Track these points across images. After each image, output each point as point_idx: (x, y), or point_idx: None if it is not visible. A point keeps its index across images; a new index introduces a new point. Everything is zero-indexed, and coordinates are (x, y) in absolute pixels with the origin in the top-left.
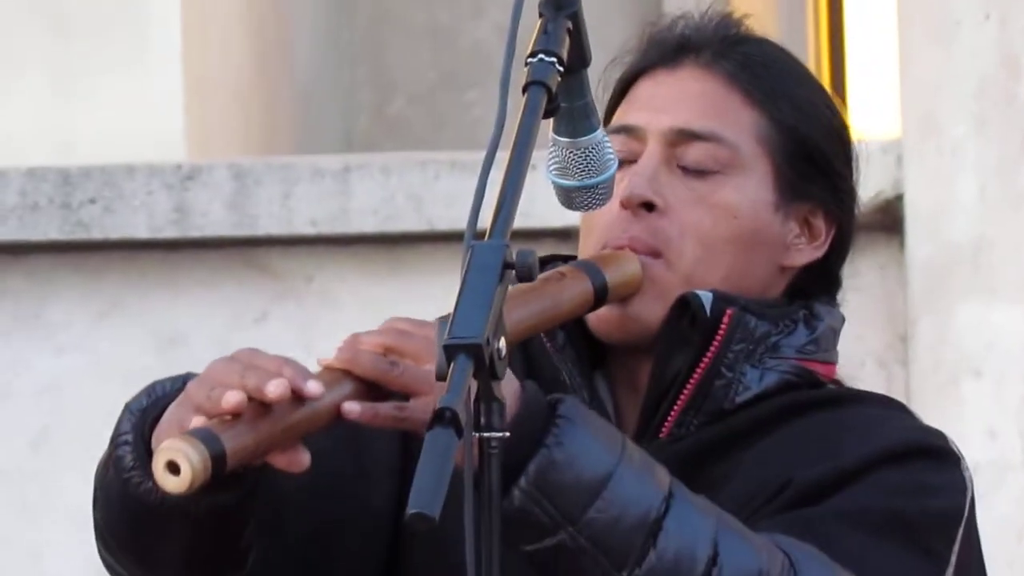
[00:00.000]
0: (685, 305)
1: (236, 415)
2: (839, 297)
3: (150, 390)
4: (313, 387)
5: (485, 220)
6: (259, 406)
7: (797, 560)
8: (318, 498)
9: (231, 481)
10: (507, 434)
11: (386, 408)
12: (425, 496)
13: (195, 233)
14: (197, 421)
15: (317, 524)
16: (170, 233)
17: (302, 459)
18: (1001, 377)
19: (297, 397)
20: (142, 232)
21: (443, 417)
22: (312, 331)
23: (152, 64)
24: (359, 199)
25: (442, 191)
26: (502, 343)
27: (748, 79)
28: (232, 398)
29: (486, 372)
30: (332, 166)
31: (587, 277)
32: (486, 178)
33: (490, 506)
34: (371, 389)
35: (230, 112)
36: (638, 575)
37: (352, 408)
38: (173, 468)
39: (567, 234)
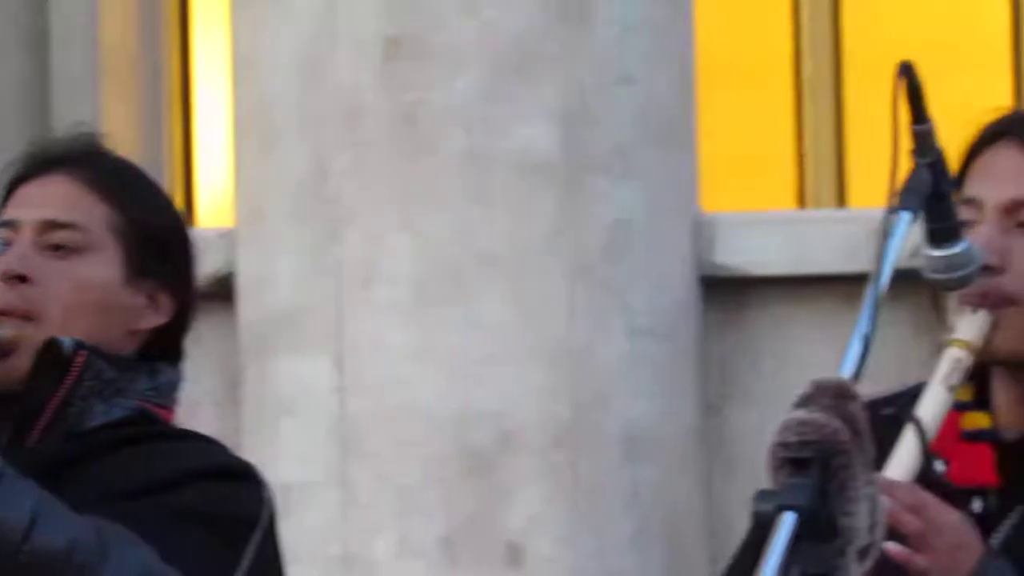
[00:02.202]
0: (51, 348)
1: None
2: (183, 363)
3: None
4: None
5: None
6: None
7: (105, 533)
8: None
9: None
10: None
11: None
12: None
13: None
14: None
15: None
16: None
17: None
18: (310, 416)
19: None
20: None
21: None
22: None
23: None
24: None
25: None
26: None
27: (102, 182)
28: None
29: None
30: None
31: None
32: None
33: None
34: None
35: None
36: None
37: None
38: None
39: None
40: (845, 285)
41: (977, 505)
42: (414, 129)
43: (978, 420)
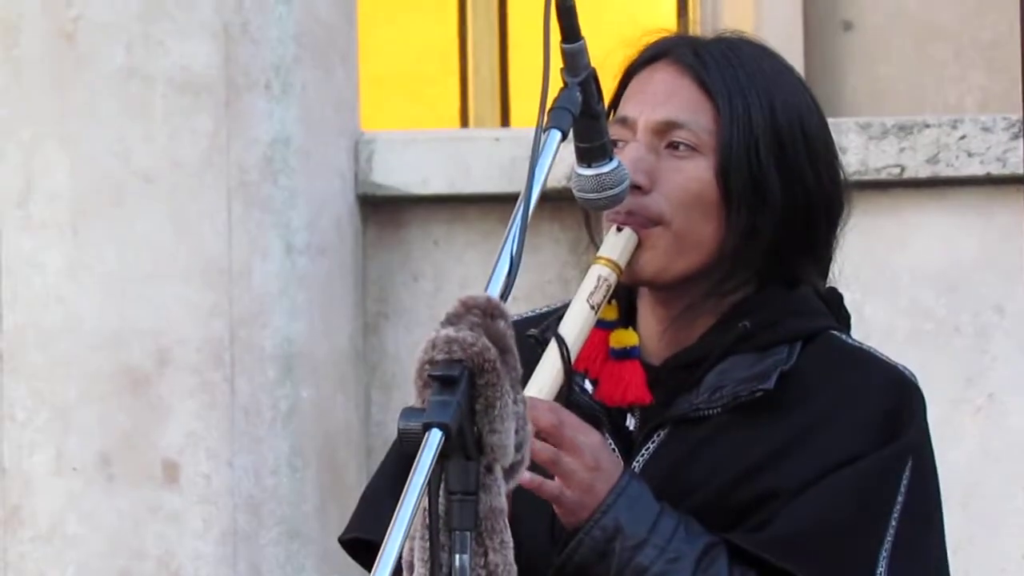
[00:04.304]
0: None
1: None
2: None
3: None
4: None
5: None
6: None
7: None
8: None
9: None
10: None
11: None
12: None
13: None
14: None
15: None
16: None
17: None
18: None
19: None
20: None
21: None
22: None
23: None
24: None
25: None
26: None
27: None
28: None
29: None
30: None
31: None
32: None
33: None
34: None
35: None
36: None
37: None
38: None
39: None
40: (505, 205)
41: (631, 423)
42: (72, 46)
43: (626, 338)
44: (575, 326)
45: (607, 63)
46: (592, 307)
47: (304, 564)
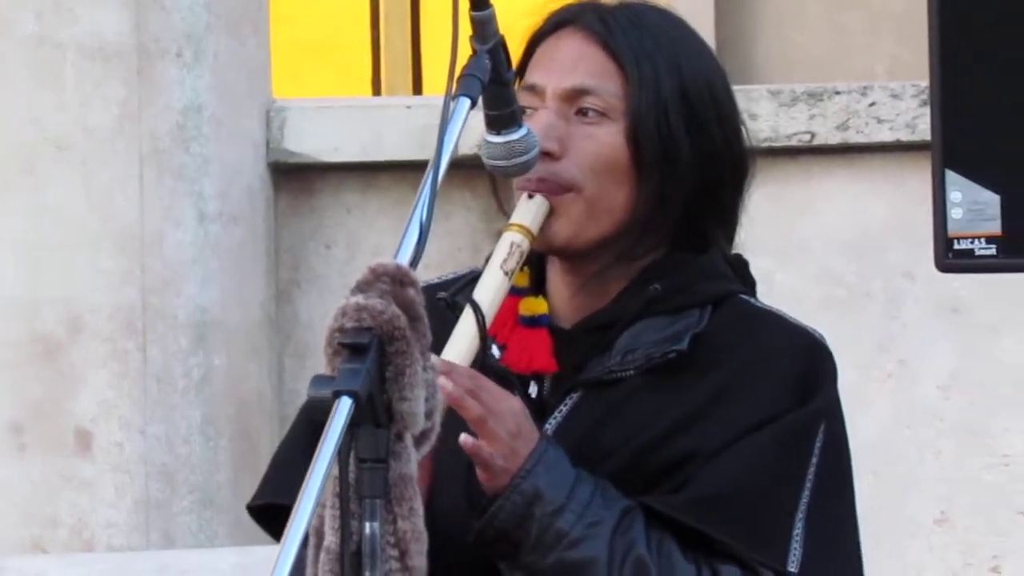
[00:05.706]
0: None
1: None
2: None
3: None
4: None
5: None
6: None
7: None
8: None
9: None
10: None
11: None
12: None
13: None
14: None
15: None
16: None
17: None
18: None
19: None
20: None
21: None
22: None
23: None
24: None
25: None
26: None
27: None
28: None
29: None
30: None
31: None
32: None
33: None
34: None
35: None
36: None
37: None
38: None
39: None
40: (417, 173)
41: (533, 390)
42: None
43: (535, 306)
44: (489, 292)
45: (514, 30)
46: (506, 273)
47: (217, 532)
